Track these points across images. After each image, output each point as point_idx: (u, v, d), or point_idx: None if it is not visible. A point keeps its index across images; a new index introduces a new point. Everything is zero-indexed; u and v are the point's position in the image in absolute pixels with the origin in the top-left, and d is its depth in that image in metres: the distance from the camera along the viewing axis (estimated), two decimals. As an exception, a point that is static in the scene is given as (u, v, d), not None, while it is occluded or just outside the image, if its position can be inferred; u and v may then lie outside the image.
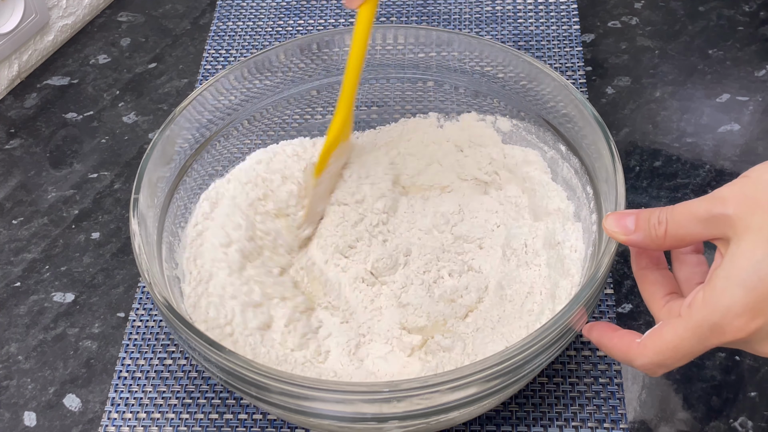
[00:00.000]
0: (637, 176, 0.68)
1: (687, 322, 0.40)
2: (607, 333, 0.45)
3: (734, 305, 0.38)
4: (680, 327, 0.40)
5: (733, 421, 0.54)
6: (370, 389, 0.44)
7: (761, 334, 0.39)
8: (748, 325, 0.38)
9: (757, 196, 0.39)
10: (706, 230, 0.40)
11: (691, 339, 0.40)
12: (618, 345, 0.44)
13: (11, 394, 0.59)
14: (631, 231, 0.44)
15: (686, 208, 0.41)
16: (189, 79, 0.79)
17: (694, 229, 0.41)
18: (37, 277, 0.65)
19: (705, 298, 0.39)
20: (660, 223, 0.42)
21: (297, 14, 0.84)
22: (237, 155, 0.62)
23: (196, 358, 0.48)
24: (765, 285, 0.38)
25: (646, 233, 0.43)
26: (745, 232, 0.38)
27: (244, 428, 0.56)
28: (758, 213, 0.38)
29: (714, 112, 0.72)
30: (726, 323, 0.39)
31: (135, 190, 0.53)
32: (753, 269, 0.38)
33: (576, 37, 0.78)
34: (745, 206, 0.39)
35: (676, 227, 0.41)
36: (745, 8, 0.81)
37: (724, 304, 0.39)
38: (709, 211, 0.40)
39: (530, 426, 0.54)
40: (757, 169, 0.40)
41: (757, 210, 0.38)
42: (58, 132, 0.76)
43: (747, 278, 0.38)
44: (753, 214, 0.38)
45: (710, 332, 0.39)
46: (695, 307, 0.40)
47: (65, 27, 0.82)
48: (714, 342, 0.40)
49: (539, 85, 0.58)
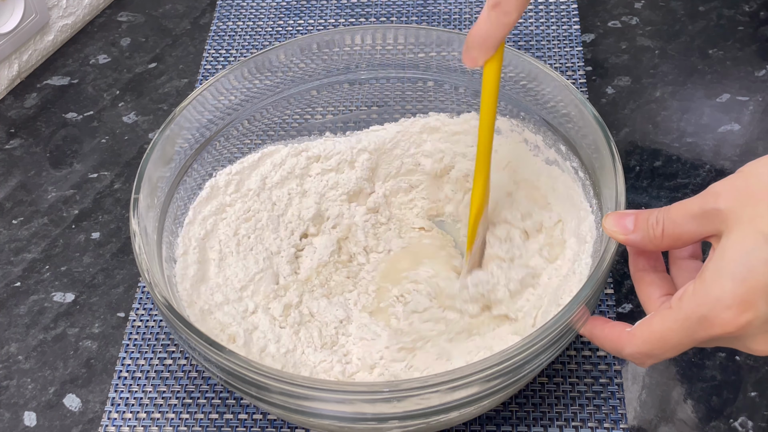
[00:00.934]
0: (637, 176, 0.68)
1: (676, 313, 0.40)
2: (599, 324, 0.45)
3: (723, 297, 0.38)
4: (669, 318, 0.40)
5: (733, 421, 0.54)
6: (370, 389, 0.44)
7: (751, 329, 0.38)
8: (738, 318, 0.38)
9: (749, 188, 0.38)
10: (700, 227, 0.40)
11: (679, 330, 0.40)
12: (608, 335, 0.44)
13: (11, 394, 0.59)
14: (629, 231, 0.44)
15: (681, 206, 0.41)
16: (189, 79, 0.79)
17: (689, 227, 0.41)
18: (37, 277, 0.65)
19: (695, 290, 0.39)
20: (657, 223, 0.42)
21: (297, 14, 0.84)
22: (237, 155, 0.62)
23: (196, 358, 0.48)
24: (755, 277, 0.37)
25: (644, 233, 0.43)
26: (736, 224, 0.38)
27: (244, 428, 0.56)
28: (750, 205, 0.38)
29: (714, 112, 0.72)
30: (714, 315, 0.38)
31: (135, 190, 0.53)
32: (742, 261, 0.37)
33: (576, 37, 0.78)
34: (736, 200, 0.38)
35: (672, 226, 0.41)
36: (745, 8, 0.81)
37: (713, 295, 0.38)
38: (702, 206, 0.40)
39: (530, 426, 0.54)
40: (752, 164, 0.40)
41: (748, 202, 0.38)
42: (58, 132, 0.76)
43: (736, 270, 0.37)
44: (744, 206, 0.38)
45: (698, 324, 0.39)
46: (685, 298, 0.40)
47: (65, 27, 0.82)
48: (702, 335, 0.39)
49: (539, 85, 0.58)
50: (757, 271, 0.37)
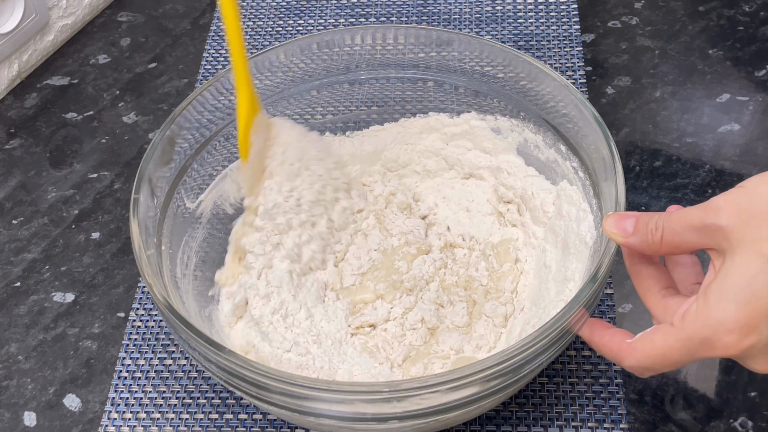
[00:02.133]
0: (637, 176, 0.68)
1: (679, 332, 0.40)
2: (599, 330, 0.45)
3: (726, 321, 0.38)
4: (671, 336, 0.40)
5: (733, 421, 0.54)
6: (370, 389, 0.44)
7: (753, 351, 0.38)
8: (740, 342, 0.38)
9: (752, 207, 0.38)
10: (700, 239, 0.40)
11: (680, 350, 0.40)
12: (608, 343, 0.44)
13: (11, 394, 0.59)
14: (629, 233, 0.44)
15: (681, 216, 0.41)
16: (189, 79, 0.79)
17: (689, 238, 0.40)
18: (37, 277, 0.65)
19: (698, 311, 0.39)
20: (657, 229, 0.42)
21: (297, 14, 0.84)
22: (236, 155, 0.62)
23: (196, 358, 0.48)
24: (758, 301, 0.37)
25: (643, 237, 0.43)
26: (739, 245, 0.38)
27: (244, 428, 0.56)
28: (752, 225, 0.38)
29: (714, 112, 0.72)
30: (717, 339, 0.38)
31: (135, 190, 0.53)
32: (746, 284, 0.37)
33: (576, 37, 0.78)
34: (738, 218, 0.38)
35: (672, 234, 0.41)
36: (745, 8, 0.81)
37: (716, 319, 0.38)
38: (703, 220, 0.39)
39: (530, 426, 0.54)
40: (753, 180, 0.39)
41: (751, 222, 0.38)
42: (58, 132, 0.76)
43: (740, 293, 0.38)
44: (747, 226, 0.38)
45: (700, 346, 0.39)
46: (688, 318, 0.40)
47: (65, 27, 0.82)
48: (703, 355, 0.40)
49: (539, 85, 0.58)
50: (760, 295, 0.37)
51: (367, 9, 0.83)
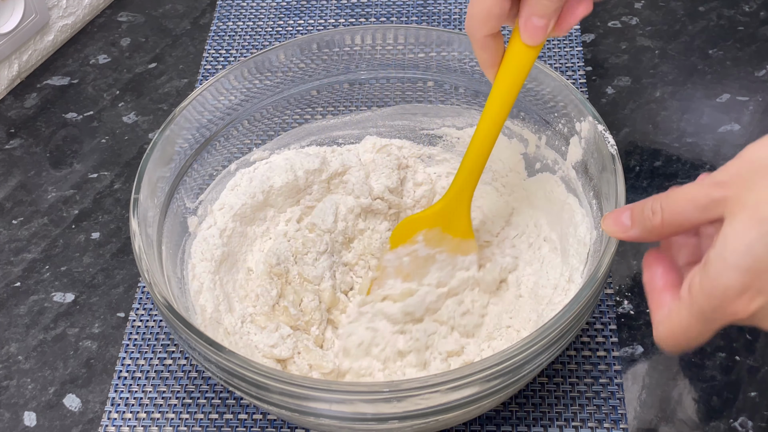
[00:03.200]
0: (637, 176, 0.68)
1: (690, 307, 0.40)
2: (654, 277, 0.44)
3: (731, 288, 0.38)
4: (684, 312, 0.40)
5: (733, 421, 0.54)
6: (370, 389, 0.44)
7: (764, 312, 0.38)
8: (749, 305, 0.38)
9: (752, 174, 0.38)
10: (703, 215, 0.40)
11: (697, 324, 0.40)
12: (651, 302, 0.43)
13: (11, 394, 0.59)
14: (628, 227, 0.43)
15: (683, 195, 0.41)
16: (189, 79, 0.79)
17: (692, 215, 0.40)
18: (37, 277, 0.65)
19: (701, 282, 0.39)
20: (654, 213, 0.41)
21: (297, 14, 0.84)
22: (237, 155, 0.62)
23: (196, 358, 0.48)
24: (760, 265, 0.37)
25: (642, 226, 0.42)
26: (740, 210, 0.38)
27: (244, 428, 0.56)
28: (753, 190, 0.38)
29: (714, 112, 0.72)
30: (727, 305, 0.38)
31: (135, 190, 0.53)
32: (747, 250, 0.37)
33: (576, 37, 0.78)
34: (740, 186, 0.38)
35: (673, 215, 0.41)
36: (745, 8, 0.81)
37: (720, 288, 0.38)
38: (710, 195, 0.39)
39: (530, 426, 0.54)
40: (750, 147, 0.39)
41: (752, 188, 0.38)
42: (58, 132, 0.76)
43: (741, 260, 0.37)
44: (748, 191, 0.38)
45: (713, 314, 0.39)
46: (693, 291, 0.40)
47: (65, 27, 0.82)
48: (722, 321, 0.39)
49: (539, 85, 0.58)
50: (761, 258, 0.37)
51: (367, 9, 0.83)
